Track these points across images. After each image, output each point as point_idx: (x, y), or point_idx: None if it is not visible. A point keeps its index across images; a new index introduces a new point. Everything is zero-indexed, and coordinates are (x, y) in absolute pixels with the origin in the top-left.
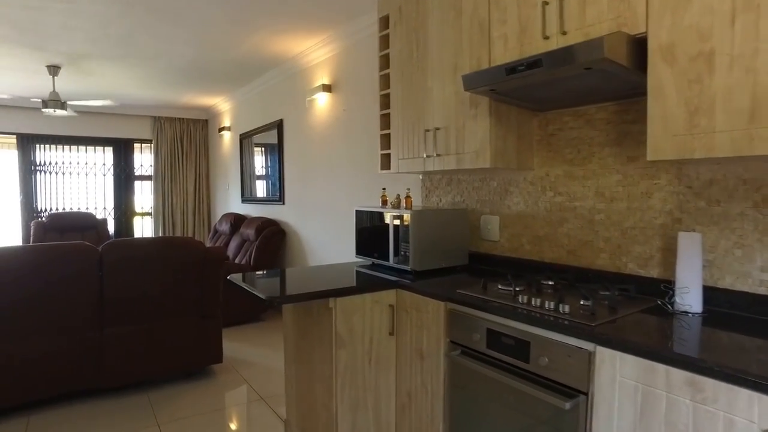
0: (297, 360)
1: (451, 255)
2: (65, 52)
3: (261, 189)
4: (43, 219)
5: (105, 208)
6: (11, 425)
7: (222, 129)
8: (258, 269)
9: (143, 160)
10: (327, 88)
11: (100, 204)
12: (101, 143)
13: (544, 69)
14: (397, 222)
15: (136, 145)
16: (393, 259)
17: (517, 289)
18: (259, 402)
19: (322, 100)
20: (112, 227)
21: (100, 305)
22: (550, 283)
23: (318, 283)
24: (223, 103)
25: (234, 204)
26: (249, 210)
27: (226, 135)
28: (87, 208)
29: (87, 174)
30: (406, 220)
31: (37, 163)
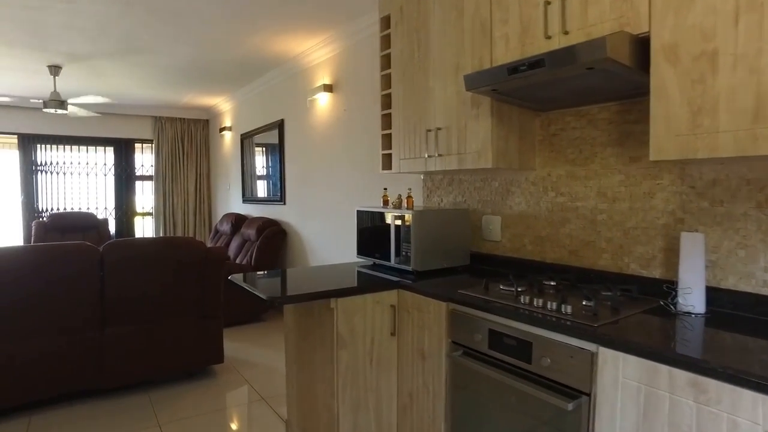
0: (298, 360)
1: (453, 255)
2: (66, 52)
3: (262, 189)
4: (44, 219)
5: (106, 208)
6: (12, 425)
7: (223, 129)
8: (259, 269)
9: (144, 160)
10: (328, 88)
11: (101, 204)
12: (102, 143)
13: (546, 69)
14: (399, 222)
15: (137, 145)
16: (394, 260)
17: (519, 290)
18: (260, 402)
19: (323, 100)
20: (113, 227)
21: (101, 305)
22: (552, 284)
23: (319, 284)
24: (224, 103)
25: (235, 204)
26: (250, 210)
27: (227, 135)
28: (88, 208)
29: (88, 174)
30: (407, 220)
31: (39, 163)
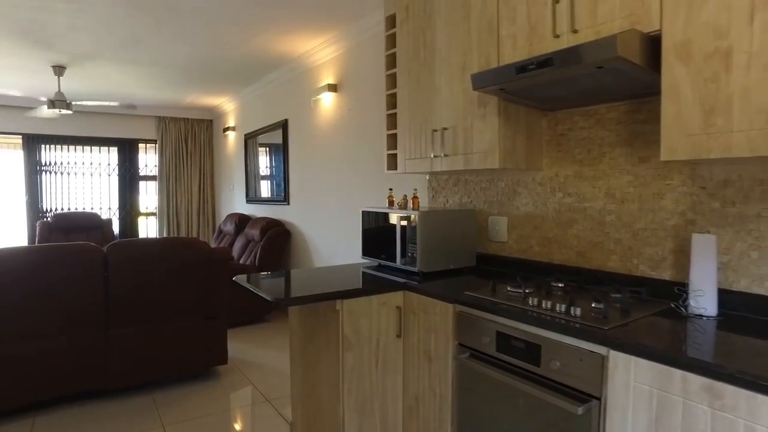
0: (303, 362)
1: (459, 256)
2: (70, 52)
3: (265, 189)
4: (49, 219)
5: (110, 208)
6: (16, 426)
7: (226, 129)
8: (263, 270)
9: (148, 160)
10: (332, 87)
11: (104, 204)
12: (106, 143)
13: (555, 68)
14: (404, 223)
15: (140, 146)
16: (400, 261)
17: (527, 291)
18: (265, 404)
19: (327, 100)
20: (116, 227)
21: (105, 306)
22: (560, 285)
23: (324, 285)
24: (228, 103)
25: (238, 204)
26: (253, 210)
27: (230, 135)
28: (92, 208)
29: (92, 174)
30: (413, 220)
31: (43, 164)
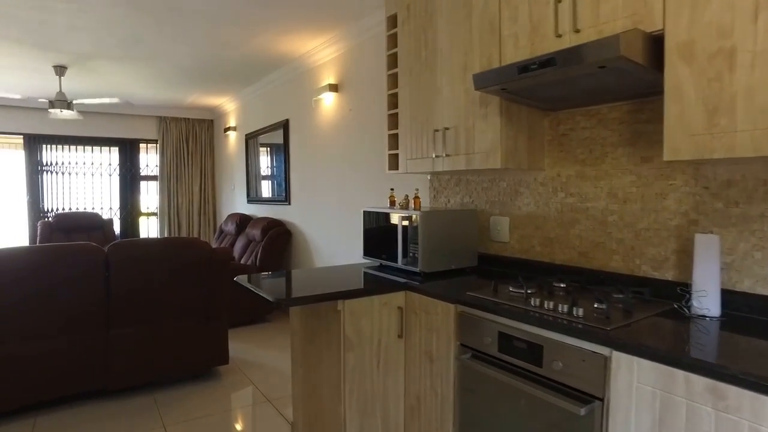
0: (304, 362)
1: (460, 256)
2: (72, 52)
3: (266, 189)
4: (50, 219)
5: (111, 208)
6: (18, 426)
7: (227, 129)
8: (264, 270)
9: (149, 160)
10: (333, 87)
11: (106, 204)
12: (107, 143)
13: (557, 68)
14: (406, 223)
15: (141, 146)
16: (401, 261)
17: (529, 292)
18: (266, 404)
19: (328, 99)
20: (117, 227)
21: (106, 306)
22: (562, 286)
23: (326, 285)
24: (229, 103)
25: (239, 204)
26: (254, 210)
27: (231, 135)
28: (93, 208)
29: (93, 174)
30: (415, 220)
31: (44, 164)
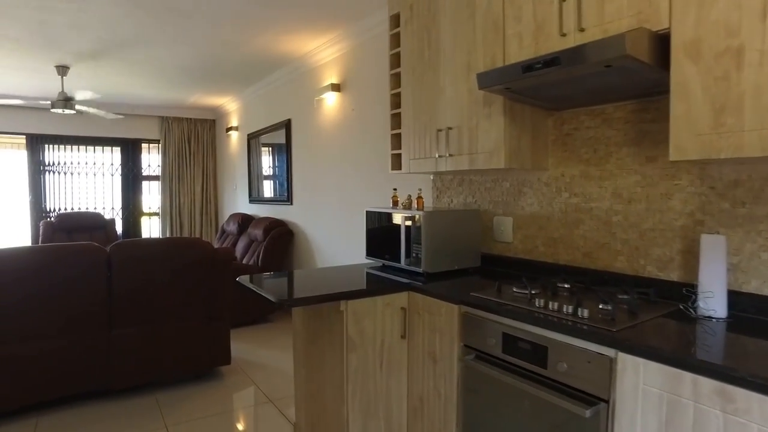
0: (306, 363)
1: (464, 256)
2: (73, 52)
3: (268, 189)
4: (52, 219)
5: (113, 208)
6: (20, 426)
7: (229, 129)
8: (266, 270)
9: (151, 160)
10: (336, 87)
11: (108, 204)
12: (109, 143)
13: (562, 67)
14: (409, 223)
15: (143, 146)
16: (404, 261)
17: (533, 292)
18: (268, 404)
19: (330, 99)
20: (120, 227)
21: (108, 306)
22: (566, 286)
23: (328, 285)
24: (231, 103)
25: (241, 204)
26: (256, 210)
27: (233, 135)
28: (95, 208)
29: (95, 174)
30: (418, 221)
31: (46, 164)
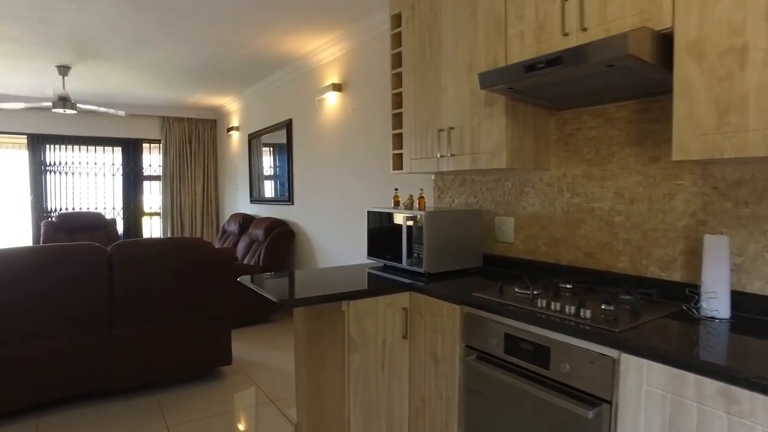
0: (307, 363)
1: (465, 257)
2: (75, 51)
3: (269, 189)
4: (53, 219)
5: (114, 208)
6: (21, 427)
7: (230, 129)
8: (267, 270)
9: (152, 160)
10: (337, 87)
11: (109, 204)
12: (110, 143)
13: (564, 66)
14: (411, 223)
15: (144, 146)
16: (406, 261)
17: (535, 293)
18: (269, 405)
19: (331, 99)
20: (121, 227)
21: (109, 306)
22: (568, 287)
23: (330, 286)
24: (232, 103)
25: (242, 204)
26: (257, 210)
27: (234, 135)
28: (96, 208)
29: (96, 174)
30: (419, 221)
31: (47, 163)
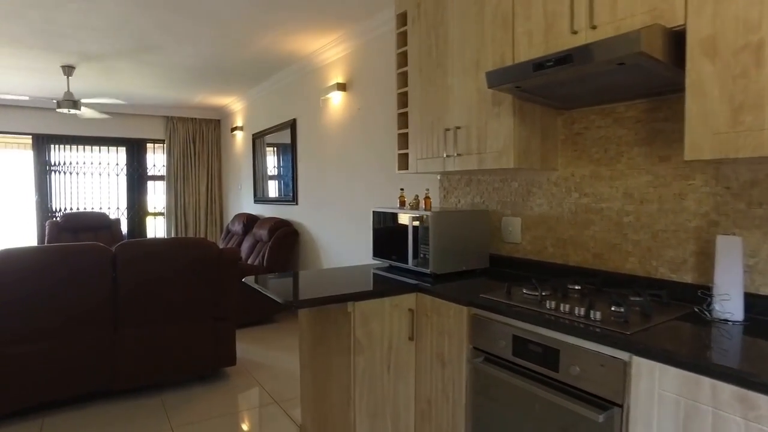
0: (312, 364)
1: (472, 257)
2: (79, 51)
3: (273, 189)
4: (58, 219)
5: (118, 208)
6: (26, 427)
7: (234, 129)
8: (271, 270)
9: (156, 160)
10: (341, 86)
11: (113, 204)
12: (114, 143)
13: (574, 65)
14: (416, 223)
15: (148, 145)
16: (412, 262)
17: (544, 294)
18: (273, 406)
19: (336, 99)
20: (125, 227)
21: (113, 306)
22: (576, 288)
23: (335, 286)
24: (236, 103)
25: (246, 204)
26: (261, 210)
27: (238, 135)
28: (100, 208)
29: (101, 174)
30: (425, 221)
31: (52, 164)
